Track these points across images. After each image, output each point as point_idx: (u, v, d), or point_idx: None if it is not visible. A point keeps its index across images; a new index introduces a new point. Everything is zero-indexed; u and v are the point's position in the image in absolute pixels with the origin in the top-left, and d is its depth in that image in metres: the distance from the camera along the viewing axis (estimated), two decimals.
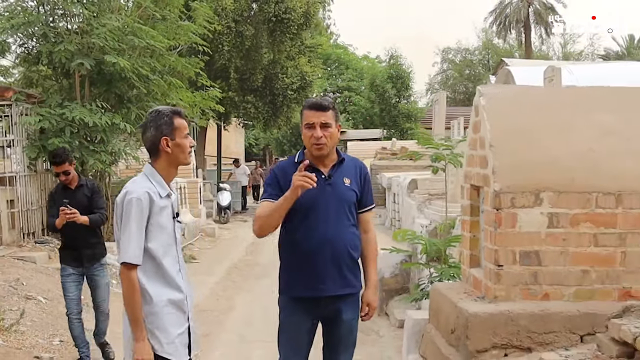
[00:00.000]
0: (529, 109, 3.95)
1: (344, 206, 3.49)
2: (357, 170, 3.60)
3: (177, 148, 3.12)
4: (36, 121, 9.45)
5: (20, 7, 11.09)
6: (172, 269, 3.16)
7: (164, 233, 3.14)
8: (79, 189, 5.82)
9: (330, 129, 3.43)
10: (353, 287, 3.55)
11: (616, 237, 3.74)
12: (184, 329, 3.20)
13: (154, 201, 3.09)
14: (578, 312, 3.65)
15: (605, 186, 3.75)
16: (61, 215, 5.44)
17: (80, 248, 5.73)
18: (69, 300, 5.81)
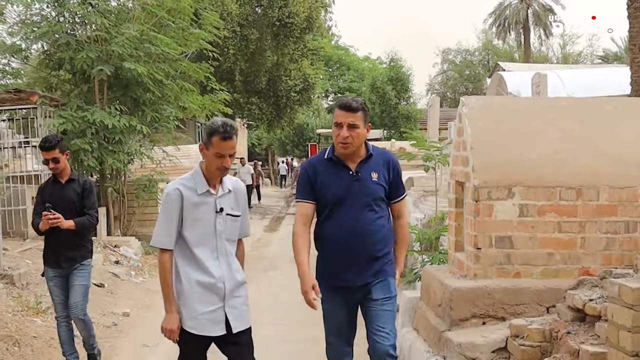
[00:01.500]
0: (503, 117, 4.67)
1: (371, 200, 3.62)
2: (385, 164, 3.70)
3: (207, 158, 3.47)
4: (60, 123, 10.14)
5: (40, 15, 11.84)
6: (206, 256, 3.50)
7: (199, 225, 3.49)
8: (69, 183, 5.33)
9: (357, 129, 3.57)
10: (381, 273, 3.68)
11: (577, 225, 4.44)
12: (215, 308, 3.51)
13: (185, 196, 3.46)
14: (544, 287, 4.36)
15: (568, 182, 4.45)
16: (44, 220, 5.03)
17: (61, 249, 5.28)
18: (56, 303, 5.47)
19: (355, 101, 3.64)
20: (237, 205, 3.62)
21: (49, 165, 5.27)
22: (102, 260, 9.93)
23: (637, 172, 4.51)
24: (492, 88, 14.29)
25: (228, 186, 3.57)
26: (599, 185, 4.46)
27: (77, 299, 5.39)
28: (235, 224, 3.62)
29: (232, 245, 3.63)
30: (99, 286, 8.63)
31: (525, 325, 3.98)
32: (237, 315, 3.57)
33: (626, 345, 2.89)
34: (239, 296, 3.61)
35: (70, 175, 5.39)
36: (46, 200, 5.14)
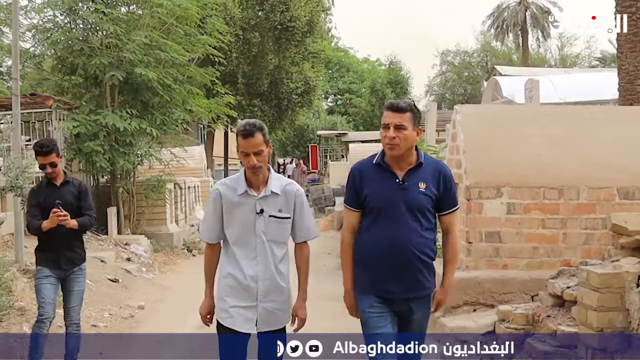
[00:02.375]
0: (493, 124, 5.15)
1: (415, 211, 3.43)
2: (435, 173, 3.49)
3: (241, 158, 3.53)
4: (74, 126, 10.60)
5: (52, 22, 12.31)
6: (243, 255, 3.55)
7: (238, 225, 3.54)
8: (65, 185, 5.24)
9: (405, 131, 3.40)
10: (422, 289, 3.49)
11: (559, 222, 4.93)
12: (247, 305, 3.54)
13: (225, 197, 3.56)
14: (529, 277, 4.86)
15: (551, 183, 4.94)
16: (52, 218, 4.92)
17: (59, 250, 5.13)
18: (45, 303, 5.11)
19: (404, 102, 3.49)
20: (287, 207, 3.58)
21: (45, 169, 5.13)
22: (115, 257, 10.39)
23: (614, 174, 5.00)
24: (488, 92, 14.78)
25: (274, 188, 3.56)
26: (579, 185, 4.95)
27: (76, 303, 5.28)
28: (283, 226, 3.57)
29: (278, 247, 3.57)
30: (114, 281, 9.09)
31: (511, 310, 4.46)
32: (266, 318, 3.57)
33: (593, 323, 3.37)
34: (275, 300, 3.57)
35: (65, 178, 5.28)
36: (43, 203, 5.07)
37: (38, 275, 5.14)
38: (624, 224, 3.64)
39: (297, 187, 3.68)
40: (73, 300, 5.21)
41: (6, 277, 6.91)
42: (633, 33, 9.40)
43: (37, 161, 5.18)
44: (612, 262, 3.55)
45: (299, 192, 3.65)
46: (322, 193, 20.92)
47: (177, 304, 8.24)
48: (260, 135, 3.43)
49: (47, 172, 5.11)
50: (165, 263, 11.29)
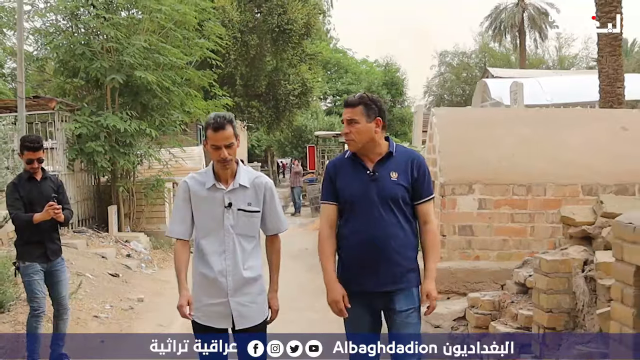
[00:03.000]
0: (467, 125, 5.54)
1: (389, 202, 3.37)
2: (408, 162, 3.42)
3: (209, 152, 3.51)
4: (76, 127, 10.99)
5: (54, 26, 12.71)
6: (212, 249, 3.49)
7: (206, 219, 3.51)
8: (44, 181, 5.45)
9: (357, 124, 3.36)
10: (399, 283, 3.40)
11: (527, 216, 5.32)
12: (219, 301, 3.49)
13: (193, 191, 3.52)
14: (499, 268, 5.24)
15: (520, 180, 5.33)
16: (48, 211, 5.12)
17: (45, 242, 5.37)
18: (38, 298, 5.35)
19: (357, 95, 3.45)
20: (257, 201, 3.55)
21: (32, 164, 5.30)
22: (115, 253, 10.78)
23: (579, 172, 5.39)
24: (477, 94, 15.17)
25: (242, 181, 3.52)
26: (546, 183, 5.34)
27: (65, 292, 5.56)
28: (252, 219, 3.54)
29: (247, 241, 3.54)
30: (114, 276, 9.48)
31: (479, 297, 4.85)
32: (242, 312, 3.52)
33: (544, 304, 3.76)
34: (247, 293, 3.53)
35: (44, 174, 5.47)
36: (25, 197, 5.25)
37: (28, 271, 5.31)
38: (572, 216, 4.02)
39: (266, 179, 3.64)
40: (62, 289, 5.51)
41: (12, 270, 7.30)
42: (613, 37, 9.79)
43: (23, 155, 5.34)
44: (561, 250, 3.94)
45: (268, 185, 3.60)
46: (319, 192, 21.25)
47: (175, 296, 8.53)
48: (230, 128, 3.39)
49: (33, 167, 5.30)
50: (164, 259, 11.68)
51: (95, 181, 12.96)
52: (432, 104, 54.18)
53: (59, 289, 5.50)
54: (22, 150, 5.34)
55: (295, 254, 12.52)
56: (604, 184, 5.28)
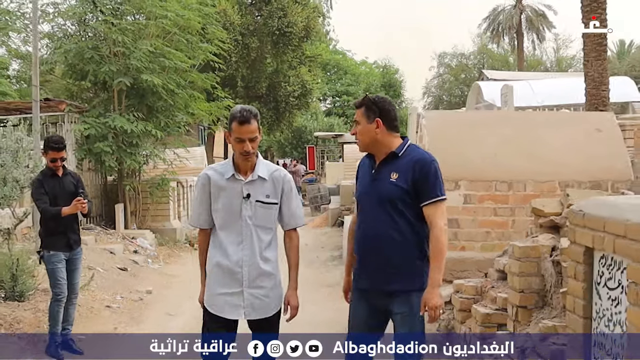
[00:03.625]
0: (453, 127, 6.02)
1: (386, 202, 3.36)
2: (411, 164, 3.37)
3: (232, 144, 3.55)
4: (85, 128, 11.47)
5: (63, 31, 13.21)
6: (229, 240, 3.53)
7: (225, 209, 3.54)
8: (66, 177, 5.90)
9: (359, 126, 3.44)
10: (396, 284, 3.38)
11: (508, 210, 5.79)
12: (233, 291, 3.53)
13: (213, 181, 3.56)
14: (483, 258, 5.71)
15: (502, 177, 5.80)
16: (76, 205, 5.56)
17: (69, 233, 5.84)
18: (61, 285, 5.81)
19: (361, 98, 3.52)
20: (275, 193, 3.58)
21: (56, 163, 5.72)
22: (123, 249, 11.26)
23: (556, 169, 5.87)
24: (471, 96, 15.66)
25: (261, 173, 3.56)
26: (526, 179, 5.82)
27: (78, 279, 6.10)
28: (269, 211, 3.56)
29: (265, 233, 3.56)
30: (123, 270, 9.96)
31: (463, 283, 5.32)
32: (254, 304, 3.54)
33: (516, 286, 4.24)
34: (261, 286, 3.55)
35: (64, 170, 5.90)
36: (49, 192, 5.70)
37: (52, 259, 5.78)
38: (542, 207, 4.48)
39: (284, 172, 3.66)
40: (77, 276, 6.05)
41: (29, 263, 7.76)
42: (598, 43, 10.27)
43: (47, 155, 5.80)
44: (532, 238, 4.41)
45: (287, 178, 3.63)
46: (318, 192, 21.72)
47: (182, 289, 9.08)
48: (255, 122, 3.45)
49: (56, 165, 5.76)
50: (169, 255, 12.15)
51: (103, 180, 13.44)
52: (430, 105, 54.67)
53: (75, 275, 5.99)
54: (46, 150, 5.83)
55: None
56: (580, 180, 5.75)
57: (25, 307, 6.76)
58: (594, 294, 3.15)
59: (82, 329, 6.72)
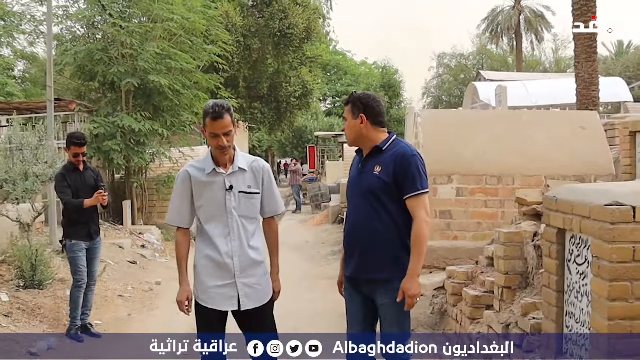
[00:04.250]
0: (447, 125, 6.44)
1: (369, 195, 3.47)
2: (394, 157, 3.48)
3: (208, 139, 3.61)
4: (95, 127, 11.89)
5: (72, 33, 13.64)
6: (217, 232, 3.57)
7: (209, 203, 3.59)
8: (86, 171, 6.33)
9: (346, 122, 3.61)
10: (381, 274, 3.47)
11: (498, 202, 6.21)
12: (225, 283, 3.56)
13: (193, 177, 3.60)
14: (474, 247, 6.12)
15: (492, 172, 6.22)
16: (98, 197, 6.02)
17: (90, 224, 6.28)
18: (82, 272, 6.22)
19: (349, 96, 3.64)
20: (256, 183, 3.66)
21: (78, 158, 6.18)
22: (131, 244, 11.68)
23: (542, 164, 6.29)
24: (468, 97, 16.08)
25: (241, 165, 3.63)
26: (514, 174, 6.24)
27: (97, 267, 6.55)
28: (253, 201, 3.63)
29: (250, 223, 3.63)
30: (133, 263, 10.38)
31: (455, 270, 5.73)
32: (248, 294, 3.59)
33: (502, 268, 4.66)
34: (253, 275, 3.61)
35: (85, 165, 6.35)
36: (72, 185, 6.13)
37: (74, 248, 6.21)
38: (525, 197, 4.90)
39: (263, 163, 3.77)
40: (96, 264, 6.47)
41: (45, 255, 8.18)
42: (588, 45, 10.69)
43: (70, 150, 6.23)
44: (516, 225, 4.83)
45: (266, 168, 3.73)
46: (319, 191, 22.13)
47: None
48: (228, 117, 3.49)
49: (78, 160, 6.21)
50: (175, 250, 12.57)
51: (111, 178, 13.86)
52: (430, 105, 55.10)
53: (94, 264, 6.44)
54: (69, 145, 6.28)
55: (297, 246, 13.45)
56: (565, 175, 6.17)
57: (45, 295, 7.17)
58: (565, 270, 3.58)
59: (98, 315, 7.15)
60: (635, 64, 28.96)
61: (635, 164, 6.86)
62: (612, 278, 3.00)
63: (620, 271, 2.98)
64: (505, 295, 4.63)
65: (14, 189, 6.82)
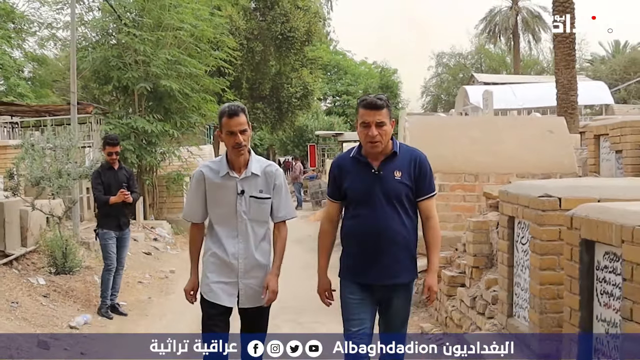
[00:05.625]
0: (431, 129, 7.33)
1: (392, 199, 3.48)
2: (410, 162, 3.55)
3: (224, 141, 3.67)
4: (110, 129, 12.79)
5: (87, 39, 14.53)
6: (225, 234, 3.69)
7: (221, 205, 3.69)
8: (120, 170, 7.20)
9: (384, 127, 3.47)
10: (400, 277, 3.55)
11: (475, 197, 7.10)
12: (229, 281, 3.70)
13: (207, 178, 3.71)
14: (454, 236, 7.01)
15: (470, 170, 7.11)
16: (120, 195, 6.89)
17: (119, 216, 7.11)
18: (111, 257, 7.12)
19: (380, 98, 3.53)
20: (267, 188, 3.71)
21: (112, 156, 7.07)
22: (144, 237, 12.59)
23: (514, 164, 7.19)
24: (459, 99, 17.00)
25: (254, 170, 3.69)
26: (489, 172, 7.14)
27: (125, 254, 7.45)
28: (263, 206, 3.70)
29: (259, 226, 3.72)
30: (147, 254, 11.31)
31: None
32: (248, 294, 3.71)
33: (471, 251, 5.57)
34: (255, 277, 3.71)
35: (119, 165, 7.25)
36: (105, 182, 7.01)
37: (105, 236, 7.12)
38: (491, 192, 5.79)
39: (276, 167, 3.81)
40: (124, 252, 7.37)
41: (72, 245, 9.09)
42: (567, 54, 11.58)
43: (105, 149, 7.19)
44: (483, 215, 5.73)
45: (278, 173, 3.78)
46: (319, 188, 23.01)
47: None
48: (244, 116, 3.57)
49: (112, 158, 7.10)
50: (185, 243, 13.42)
51: None
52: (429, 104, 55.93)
53: (123, 251, 7.38)
54: (104, 146, 7.25)
55: (300, 239, 14.32)
56: (533, 173, 7.05)
57: (75, 279, 8.07)
58: (514, 249, 4.49)
59: (122, 298, 8.04)
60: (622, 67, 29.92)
61: (599, 164, 7.79)
62: (543, 253, 3.91)
63: (549, 247, 3.89)
64: (473, 273, 5.53)
65: (50, 185, 7.70)
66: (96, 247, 9.96)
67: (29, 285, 7.44)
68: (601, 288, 3.27)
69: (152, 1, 13.40)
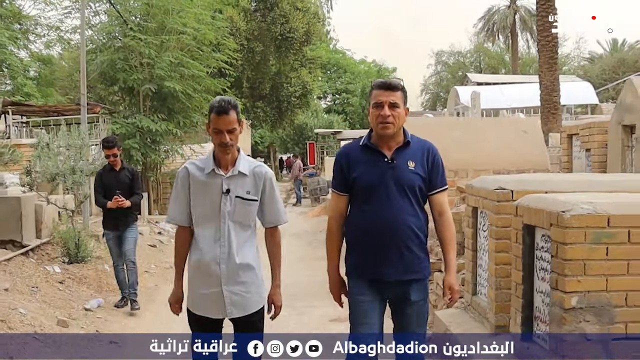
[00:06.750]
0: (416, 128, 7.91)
1: (406, 190, 3.32)
2: (424, 152, 3.44)
3: (211, 136, 3.40)
4: (117, 128, 13.46)
5: (94, 42, 15.18)
6: (206, 236, 3.40)
7: (204, 204, 3.41)
8: (122, 171, 7.17)
9: (398, 109, 3.31)
10: (416, 272, 3.36)
11: (454, 192, 7.73)
12: (212, 291, 3.40)
13: (192, 175, 3.43)
14: None
15: (450, 167, 7.71)
16: (114, 201, 6.94)
17: (119, 217, 7.10)
18: (113, 255, 7.32)
19: (396, 80, 3.43)
20: (256, 190, 3.47)
21: (109, 159, 7.09)
22: (149, 231, 13.25)
23: (491, 161, 7.83)
24: (451, 99, 17.62)
25: (241, 168, 3.44)
26: (468, 169, 7.77)
27: (129, 247, 7.21)
28: (249, 208, 3.45)
29: (243, 229, 3.45)
30: (153, 246, 11.96)
31: None
32: (235, 301, 3.44)
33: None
34: (241, 282, 3.43)
35: (122, 165, 7.18)
36: (106, 184, 6.97)
37: (106, 237, 7.45)
38: (464, 186, 6.42)
39: (266, 169, 3.55)
40: (127, 244, 7.25)
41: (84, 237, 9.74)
42: (549, 56, 12.21)
43: (104, 152, 7.26)
44: (456, 207, 6.37)
45: (268, 175, 3.51)
46: (318, 184, 23.64)
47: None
48: (234, 113, 3.32)
49: (110, 160, 7.14)
50: None
51: None
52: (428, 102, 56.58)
53: (125, 244, 7.32)
54: (102, 148, 7.52)
55: (298, 234, 15.01)
56: (509, 169, 7.67)
57: (87, 268, 8.73)
58: (477, 236, 5.14)
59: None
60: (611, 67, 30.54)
61: (571, 161, 8.44)
62: (498, 237, 4.56)
63: (503, 232, 4.54)
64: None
65: (64, 181, 8.36)
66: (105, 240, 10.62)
67: (46, 273, 8.10)
68: (539, 265, 3.92)
69: (156, 6, 14.06)
